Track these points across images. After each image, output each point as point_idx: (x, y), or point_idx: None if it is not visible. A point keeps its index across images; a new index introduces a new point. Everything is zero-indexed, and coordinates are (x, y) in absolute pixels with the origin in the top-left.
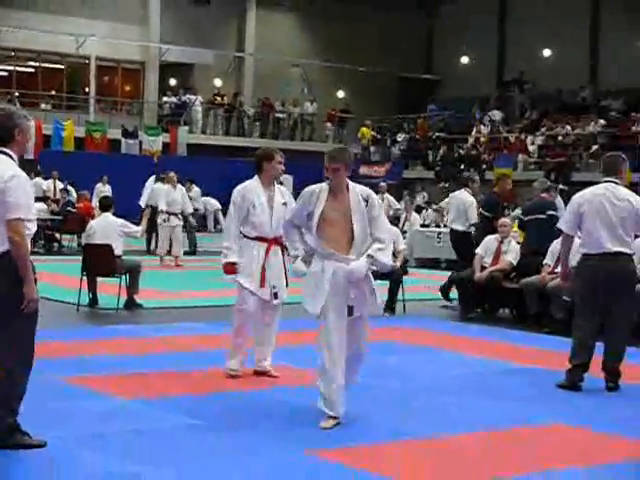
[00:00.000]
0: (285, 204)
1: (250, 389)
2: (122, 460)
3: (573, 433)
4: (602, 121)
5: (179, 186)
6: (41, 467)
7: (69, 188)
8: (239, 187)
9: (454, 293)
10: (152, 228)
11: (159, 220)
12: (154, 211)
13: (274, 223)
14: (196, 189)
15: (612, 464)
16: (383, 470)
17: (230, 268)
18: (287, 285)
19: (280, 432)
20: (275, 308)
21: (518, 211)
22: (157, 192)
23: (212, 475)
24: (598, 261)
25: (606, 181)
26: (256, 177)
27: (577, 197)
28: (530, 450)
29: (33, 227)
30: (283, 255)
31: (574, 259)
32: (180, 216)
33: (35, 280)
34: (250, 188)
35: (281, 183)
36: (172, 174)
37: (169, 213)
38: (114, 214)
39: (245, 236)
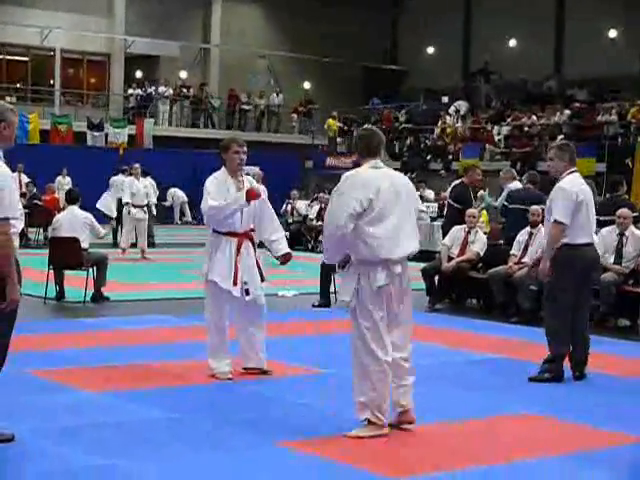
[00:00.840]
0: None
1: (220, 381)
2: (93, 453)
3: (540, 422)
4: (567, 111)
5: (142, 178)
6: (11, 461)
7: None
8: (211, 178)
9: None
10: (119, 221)
11: (124, 212)
12: (119, 203)
13: (245, 217)
14: (151, 181)
15: (580, 453)
16: (354, 460)
17: (254, 192)
18: (263, 280)
19: (251, 424)
20: (252, 304)
21: (488, 199)
22: (119, 184)
23: (183, 468)
24: (588, 251)
25: (573, 171)
26: (223, 169)
27: (569, 187)
28: (497, 439)
29: (20, 225)
30: (254, 250)
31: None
32: (145, 209)
33: (20, 278)
34: (221, 180)
35: (247, 174)
36: (137, 166)
37: (133, 205)
38: (81, 207)
39: (215, 231)
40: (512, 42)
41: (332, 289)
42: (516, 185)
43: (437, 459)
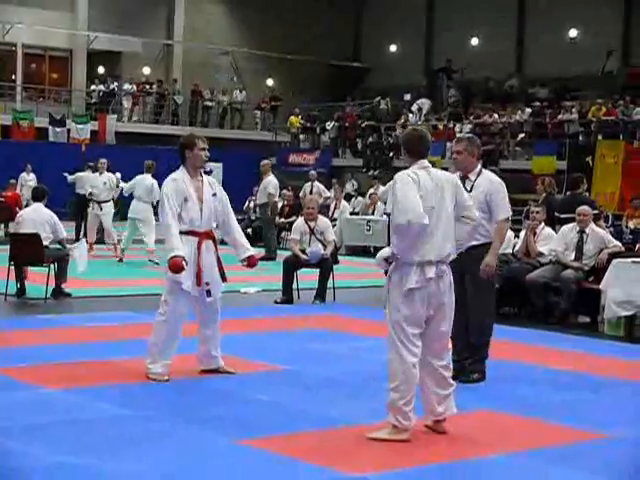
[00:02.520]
0: (215, 195)
1: (181, 378)
2: (60, 452)
3: (505, 420)
4: (528, 109)
5: (106, 173)
6: None
7: None
8: (169, 179)
9: None
10: (81, 216)
11: (89, 208)
12: (81, 199)
13: (205, 216)
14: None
15: (545, 450)
16: (317, 459)
17: (179, 261)
18: (225, 280)
19: (213, 421)
20: (210, 305)
21: None
22: (84, 180)
23: (145, 466)
24: None
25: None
26: (182, 167)
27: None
28: (462, 437)
29: None
30: (216, 249)
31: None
32: (108, 204)
33: None
34: (180, 182)
35: (209, 172)
36: (103, 160)
37: (94, 201)
38: (46, 205)
39: None
40: (474, 40)
41: (295, 286)
42: None
43: (400, 457)
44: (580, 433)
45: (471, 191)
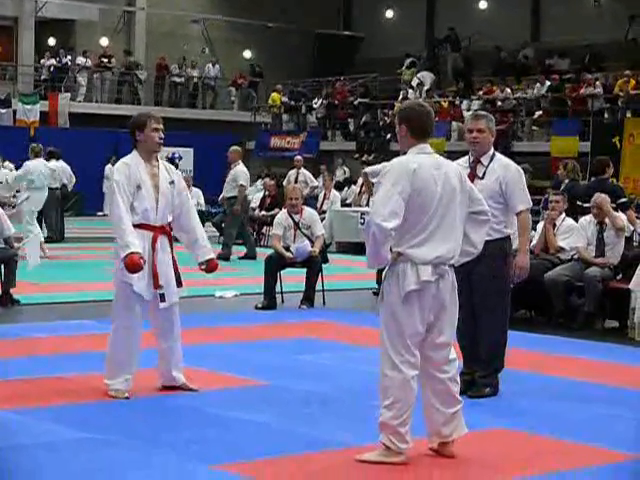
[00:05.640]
0: (172, 183)
1: (146, 395)
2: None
3: (512, 439)
4: (546, 83)
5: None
6: None
7: None
8: (119, 164)
9: None
10: (40, 211)
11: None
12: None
13: (161, 207)
14: (61, 164)
15: (560, 472)
16: None
17: (137, 259)
18: (180, 285)
19: (183, 444)
20: (166, 312)
21: None
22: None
23: None
24: None
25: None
26: (134, 152)
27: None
28: (468, 459)
29: None
30: (171, 247)
31: None
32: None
33: None
34: (133, 168)
35: (176, 159)
36: (34, 145)
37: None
38: None
39: None
40: (482, 4)
41: (278, 288)
42: None
43: None
44: (610, 454)
45: (483, 178)
